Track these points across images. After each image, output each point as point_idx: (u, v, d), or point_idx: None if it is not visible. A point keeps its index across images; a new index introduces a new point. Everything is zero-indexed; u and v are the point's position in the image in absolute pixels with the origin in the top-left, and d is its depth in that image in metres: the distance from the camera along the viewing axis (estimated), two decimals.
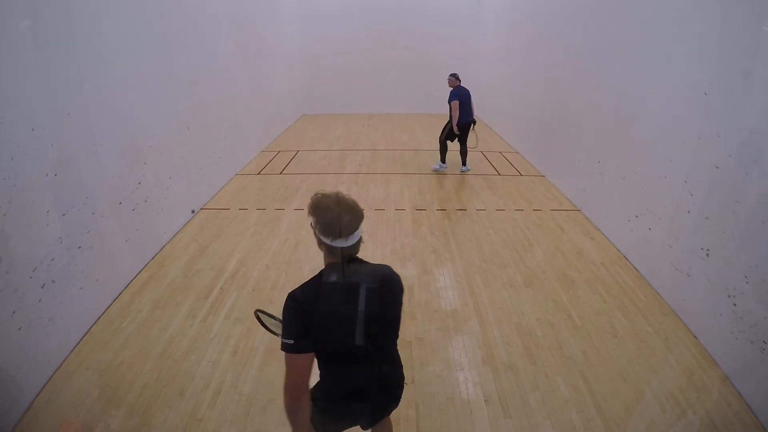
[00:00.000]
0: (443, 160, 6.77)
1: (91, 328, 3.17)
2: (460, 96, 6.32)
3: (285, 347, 1.40)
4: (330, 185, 6.12)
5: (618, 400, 2.60)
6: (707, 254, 3.05)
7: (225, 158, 6.12)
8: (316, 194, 1.45)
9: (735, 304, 2.74)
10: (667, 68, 3.64)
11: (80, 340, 3.04)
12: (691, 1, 3.40)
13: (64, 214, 2.94)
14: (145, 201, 4.00)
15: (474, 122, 6.55)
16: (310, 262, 4.08)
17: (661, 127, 3.70)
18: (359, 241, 1.47)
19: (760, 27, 2.66)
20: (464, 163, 6.75)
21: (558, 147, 6.14)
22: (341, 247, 1.41)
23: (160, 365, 2.84)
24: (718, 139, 3.01)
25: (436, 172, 6.74)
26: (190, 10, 5.08)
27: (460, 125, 6.37)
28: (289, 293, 1.43)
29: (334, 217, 1.38)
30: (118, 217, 3.59)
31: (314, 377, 1.52)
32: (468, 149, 6.70)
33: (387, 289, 1.52)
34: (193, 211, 5.02)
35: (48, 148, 2.79)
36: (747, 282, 2.65)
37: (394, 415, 2.49)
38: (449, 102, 6.38)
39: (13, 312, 2.47)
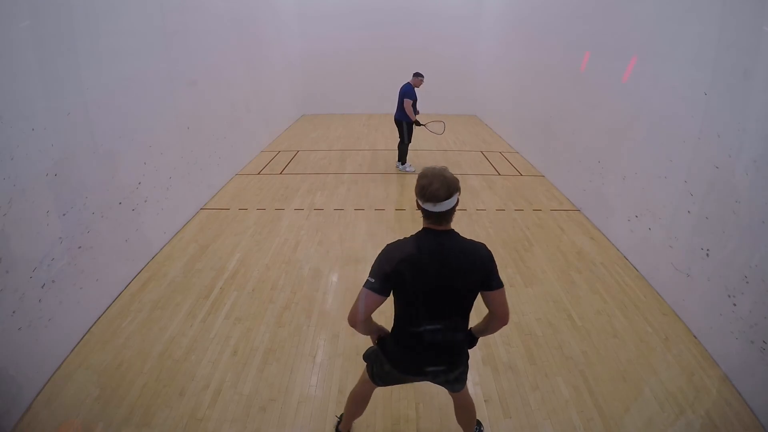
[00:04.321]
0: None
1: (91, 328, 3.17)
2: None
3: (365, 283, 1.69)
4: (330, 185, 6.13)
5: (618, 400, 2.60)
6: (707, 254, 3.05)
7: (225, 158, 6.12)
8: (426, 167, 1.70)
9: (735, 304, 2.74)
10: (667, 68, 3.64)
11: (80, 340, 3.04)
12: (691, 0, 3.40)
13: (64, 214, 2.94)
14: (145, 201, 4.00)
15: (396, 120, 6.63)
16: (310, 262, 4.08)
17: (661, 127, 3.70)
18: (449, 211, 1.66)
19: (760, 27, 2.66)
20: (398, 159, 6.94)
21: (558, 147, 6.14)
22: (429, 211, 1.65)
23: (160, 365, 2.84)
24: (718, 139, 3.01)
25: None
26: (191, 10, 5.07)
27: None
28: (388, 243, 1.73)
29: (426, 183, 1.62)
30: (118, 217, 3.59)
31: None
32: (401, 148, 6.78)
33: (463, 262, 1.67)
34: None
35: (48, 148, 2.79)
36: (747, 282, 2.65)
37: (394, 414, 2.50)
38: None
39: (13, 312, 2.47)
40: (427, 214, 1.67)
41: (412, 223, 4.82)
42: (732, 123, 2.90)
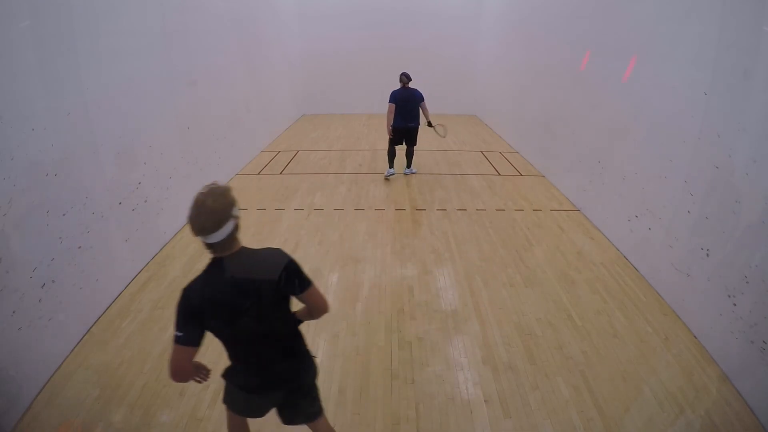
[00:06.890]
0: (390, 165, 6.45)
1: (91, 328, 3.17)
2: (396, 99, 6.06)
3: (174, 338, 1.55)
4: (330, 185, 6.13)
5: (618, 399, 2.60)
6: (707, 254, 3.05)
7: (225, 158, 6.12)
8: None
9: (735, 304, 2.74)
10: (667, 68, 3.64)
11: (80, 340, 3.04)
12: (691, 1, 3.40)
13: (64, 214, 2.94)
14: (145, 201, 4.00)
15: (411, 127, 6.20)
16: (310, 262, 4.08)
17: (661, 127, 3.70)
18: (226, 239, 1.49)
19: (760, 27, 2.66)
20: (407, 165, 6.59)
21: (558, 147, 6.14)
22: (205, 242, 1.49)
23: (160, 365, 2.84)
24: (718, 139, 3.01)
25: (386, 178, 6.41)
26: (191, 10, 5.08)
27: (393, 129, 6.20)
28: (183, 288, 1.56)
29: (193, 215, 1.45)
30: (118, 217, 3.59)
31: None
32: (413, 151, 6.50)
33: (258, 276, 1.55)
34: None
35: (48, 148, 2.79)
36: (747, 282, 2.65)
37: (394, 414, 2.50)
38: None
39: (13, 312, 2.47)
40: (205, 246, 1.53)
41: (412, 224, 4.83)
42: (732, 123, 2.90)
